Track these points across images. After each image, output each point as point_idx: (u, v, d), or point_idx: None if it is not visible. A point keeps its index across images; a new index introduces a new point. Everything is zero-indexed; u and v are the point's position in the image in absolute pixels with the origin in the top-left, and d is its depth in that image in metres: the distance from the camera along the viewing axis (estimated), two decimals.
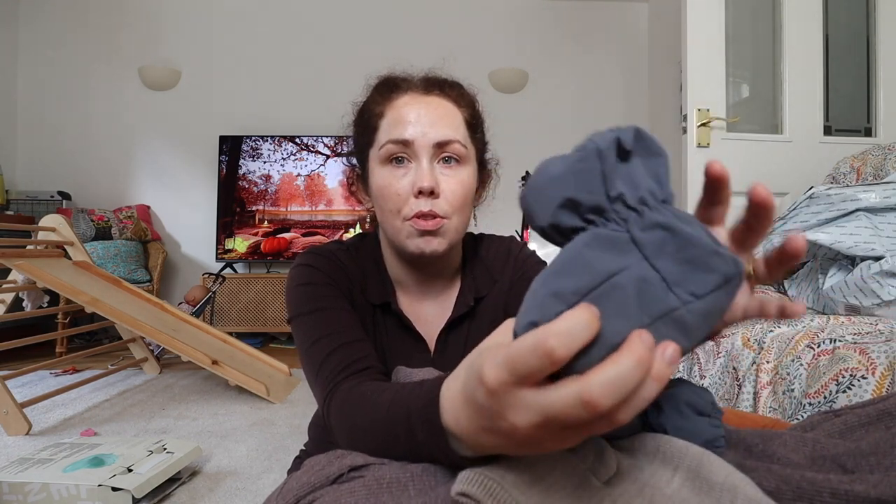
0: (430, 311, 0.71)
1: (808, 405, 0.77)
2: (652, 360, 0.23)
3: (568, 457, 0.33)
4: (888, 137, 2.11)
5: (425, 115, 0.62)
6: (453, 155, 0.62)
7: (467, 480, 0.30)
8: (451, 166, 0.63)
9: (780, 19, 2.13)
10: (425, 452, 0.39)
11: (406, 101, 0.63)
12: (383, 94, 0.65)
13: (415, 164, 0.62)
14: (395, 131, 0.61)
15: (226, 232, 3.28)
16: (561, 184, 0.28)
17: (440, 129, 0.61)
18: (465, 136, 0.64)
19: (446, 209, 0.61)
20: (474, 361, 0.30)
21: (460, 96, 0.66)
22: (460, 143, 0.62)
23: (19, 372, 1.67)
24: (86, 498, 1.02)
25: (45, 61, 3.44)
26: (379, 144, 0.63)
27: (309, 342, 0.59)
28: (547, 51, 3.56)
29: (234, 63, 3.49)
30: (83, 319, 2.78)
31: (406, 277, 0.70)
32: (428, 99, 0.63)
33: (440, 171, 0.62)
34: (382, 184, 0.62)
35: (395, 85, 0.65)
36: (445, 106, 0.64)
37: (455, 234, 0.64)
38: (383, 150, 0.62)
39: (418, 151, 0.61)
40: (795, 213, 1.20)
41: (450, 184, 0.62)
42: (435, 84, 0.66)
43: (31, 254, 1.95)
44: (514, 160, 4.05)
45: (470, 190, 0.65)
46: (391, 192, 0.61)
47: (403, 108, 0.62)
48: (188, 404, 1.83)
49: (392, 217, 0.62)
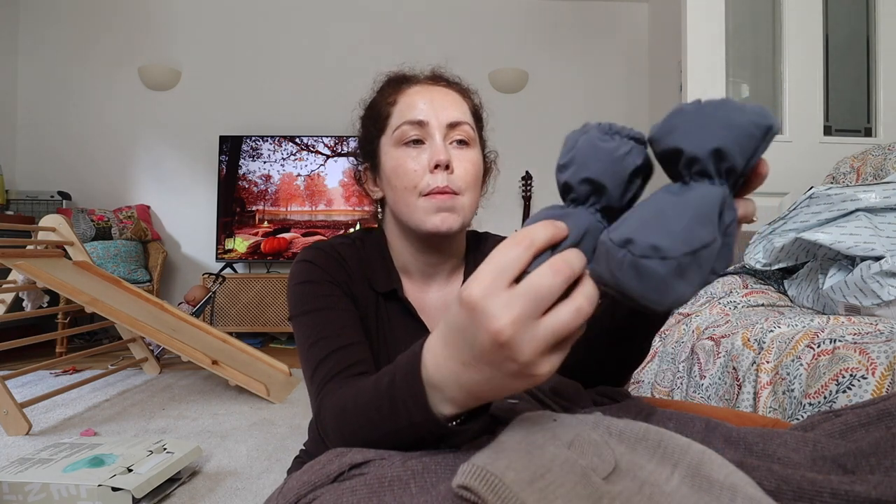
0: (433, 301, 0.73)
1: (808, 405, 0.77)
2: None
3: (567, 453, 0.33)
4: (888, 137, 2.11)
5: (437, 100, 0.66)
6: (464, 137, 0.66)
7: (468, 473, 0.30)
8: (462, 148, 0.66)
9: (780, 19, 2.13)
10: (403, 416, 0.40)
11: (417, 89, 0.67)
12: (394, 86, 0.69)
13: (429, 143, 0.64)
14: (409, 114, 0.65)
15: (226, 232, 3.28)
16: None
17: (451, 111, 0.65)
18: (472, 121, 0.68)
19: (460, 185, 0.64)
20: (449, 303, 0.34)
21: (465, 90, 0.71)
22: (470, 126, 0.67)
23: (19, 372, 1.67)
24: (86, 498, 1.02)
25: (45, 61, 3.44)
26: (392, 128, 0.66)
27: (307, 344, 0.60)
28: (547, 51, 3.56)
29: (234, 63, 3.49)
30: (83, 319, 2.78)
31: (413, 264, 0.71)
32: (437, 87, 0.68)
33: (453, 151, 0.65)
34: (397, 163, 0.65)
35: (404, 78, 0.70)
36: (453, 94, 0.68)
37: (468, 213, 0.66)
38: (398, 132, 0.65)
39: (432, 131, 0.64)
40: (795, 212, 1.20)
41: (462, 162, 0.65)
42: (441, 78, 0.70)
43: (31, 254, 1.95)
44: (514, 160, 4.04)
45: (479, 171, 0.68)
46: (407, 168, 0.64)
47: (415, 95, 0.66)
48: (188, 404, 1.83)
49: (407, 194, 0.64)
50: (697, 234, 0.30)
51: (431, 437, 0.41)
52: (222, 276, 2.96)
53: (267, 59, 3.50)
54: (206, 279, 3.07)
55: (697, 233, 0.30)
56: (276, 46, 3.50)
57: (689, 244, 0.29)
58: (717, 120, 0.31)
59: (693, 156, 0.31)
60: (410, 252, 0.71)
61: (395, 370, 0.42)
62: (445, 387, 0.37)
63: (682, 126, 0.32)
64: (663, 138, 0.33)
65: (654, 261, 0.29)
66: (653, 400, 0.57)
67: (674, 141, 0.32)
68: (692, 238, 0.29)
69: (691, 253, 0.29)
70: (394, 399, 0.41)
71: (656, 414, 0.47)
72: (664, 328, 1.33)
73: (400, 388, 0.40)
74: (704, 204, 0.30)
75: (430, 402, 0.38)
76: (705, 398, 1.03)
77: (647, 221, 0.31)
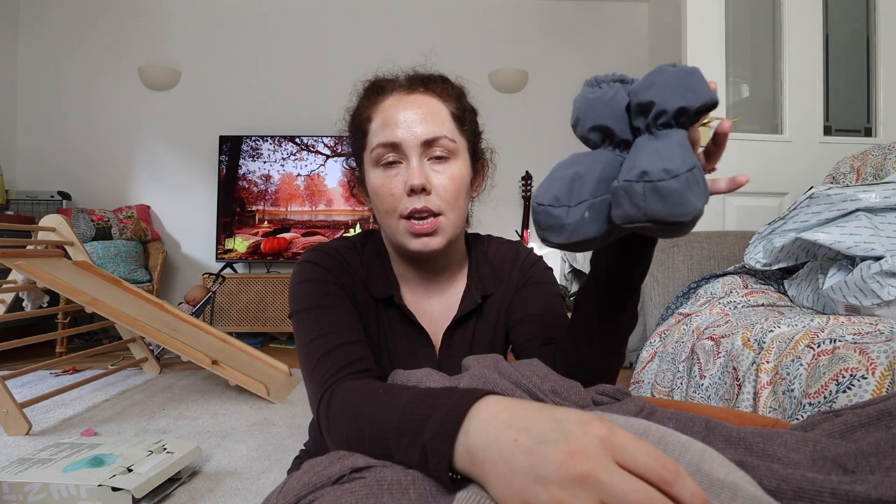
0: (435, 307, 0.72)
1: (808, 405, 0.77)
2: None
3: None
4: (888, 137, 2.11)
5: (412, 115, 0.63)
6: (442, 152, 0.63)
7: (467, 501, 0.30)
8: (441, 162, 0.64)
9: (780, 19, 2.13)
10: (416, 460, 0.39)
11: (391, 102, 0.65)
12: (370, 97, 0.67)
13: (405, 164, 0.63)
14: (383, 134, 0.63)
15: (226, 232, 3.28)
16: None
17: (426, 127, 0.62)
18: (452, 130, 0.65)
19: (440, 205, 0.63)
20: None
21: (445, 91, 0.67)
22: (448, 139, 0.64)
23: (19, 372, 1.66)
24: (86, 498, 1.02)
25: (45, 61, 3.44)
26: (370, 148, 0.65)
27: (307, 339, 0.60)
28: (547, 51, 3.56)
29: (234, 63, 3.49)
30: (83, 319, 2.78)
31: (410, 274, 0.71)
32: (412, 98, 0.65)
33: (430, 169, 0.63)
34: (377, 185, 0.64)
35: (380, 87, 0.67)
36: (430, 103, 0.65)
37: (452, 230, 0.65)
38: (374, 154, 0.64)
39: (407, 152, 0.62)
40: (795, 212, 1.20)
41: (441, 180, 0.63)
42: (419, 81, 0.67)
43: (31, 254, 1.95)
44: (514, 160, 4.04)
45: (462, 184, 0.66)
46: (385, 192, 0.63)
47: (389, 111, 0.64)
48: (188, 404, 1.83)
49: (388, 217, 0.64)
50: (688, 157, 0.39)
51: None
52: (222, 276, 2.96)
53: (267, 59, 3.50)
54: (206, 279, 3.07)
55: (687, 156, 0.39)
56: (275, 46, 3.50)
57: (686, 164, 0.39)
58: (685, 85, 0.40)
59: (663, 109, 0.41)
60: (404, 264, 0.71)
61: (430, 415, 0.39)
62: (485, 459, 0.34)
63: (659, 84, 0.41)
64: (642, 91, 0.42)
65: (669, 181, 0.38)
66: (653, 400, 0.57)
67: (650, 95, 0.41)
68: (686, 160, 0.39)
69: (689, 170, 0.38)
70: (413, 442, 0.39)
71: (657, 413, 0.47)
72: (664, 328, 1.33)
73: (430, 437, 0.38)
74: (681, 140, 0.41)
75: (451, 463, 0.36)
76: (705, 398, 1.03)
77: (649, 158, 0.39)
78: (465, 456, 0.35)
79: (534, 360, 0.55)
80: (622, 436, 0.31)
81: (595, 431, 0.31)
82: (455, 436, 0.36)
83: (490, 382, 0.47)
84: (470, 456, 0.35)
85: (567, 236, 0.44)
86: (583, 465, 0.29)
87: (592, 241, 0.44)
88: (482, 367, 0.51)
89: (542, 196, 0.44)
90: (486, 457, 0.34)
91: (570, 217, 0.43)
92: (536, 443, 0.32)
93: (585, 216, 0.43)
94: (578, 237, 0.44)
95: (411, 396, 0.44)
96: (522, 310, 0.72)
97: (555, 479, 0.29)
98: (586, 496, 0.28)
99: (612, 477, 0.28)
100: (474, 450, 0.35)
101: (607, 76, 0.45)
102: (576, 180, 0.44)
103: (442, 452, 0.36)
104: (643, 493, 0.28)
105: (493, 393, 0.39)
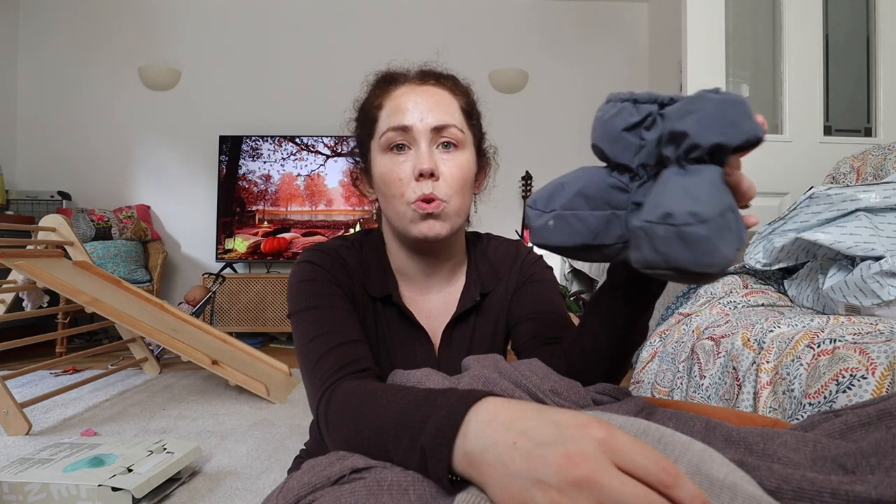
0: (434, 305, 0.72)
1: (808, 405, 0.77)
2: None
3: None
4: (888, 137, 2.11)
5: (422, 103, 0.64)
6: (451, 139, 0.64)
7: (466, 503, 0.30)
8: (450, 151, 0.64)
9: (780, 19, 2.13)
10: (416, 463, 0.39)
11: (403, 91, 0.65)
12: (381, 87, 0.68)
13: (414, 150, 0.63)
14: (394, 119, 0.63)
15: (226, 232, 3.28)
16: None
17: (437, 114, 0.63)
18: (461, 121, 0.66)
19: (446, 191, 0.63)
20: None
21: (455, 86, 0.69)
22: (457, 128, 0.64)
23: (19, 372, 1.66)
24: (86, 498, 1.02)
25: (45, 61, 3.44)
26: (379, 133, 0.65)
27: (306, 339, 0.60)
28: (547, 51, 3.56)
29: (234, 63, 3.49)
30: (83, 319, 2.78)
31: (410, 268, 0.71)
32: (424, 88, 0.66)
33: (439, 156, 0.64)
34: (385, 170, 0.64)
35: (392, 78, 0.68)
36: (441, 94, 0.66)
37: (456, 218, 0.65)
38: (384, 139, 0.64)
39: (417, 137, 0.63)
40: (795, 212, 1.20)
41: (449, 167, 0.63)
42: (430, 75, 0.68)
43: (31, 254, 1.95)
44: (514, 160, 4.04)
45: (469, 173, 0.66)
46: (393, 177, 0.63)
47: (401, 98, 0.64)
48: (188, 404, 1.83)
49: (395, 202, 0.64)
50: (720, 198, 0.35)
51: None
52: (222, 276, 2.96)
53: (267, 59, 3.50)
54: (206, 279, 3.07)
55: (720, 198, 0.35)
56: (275, 46, 3.50)
57: (717, 207, 0.34)
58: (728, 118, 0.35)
59: (696, 143, 0.36)
60: (405, 255, 0.70)
61: (428, 417, 0.39)
62: (483, 462, 0.34)
63: (697, 114, 0.36)
64: (676, 119, 0.37)
65: (696, 226, 0.33)
66: (653, 400, 0.57)
67: (684, 126, 0.36)
68: (718, 202, 0.34)
69: (721, 214, 0.34)
70: (412, 445, 0.39)
71: (657, 413, 0.47)
72: (664, 328, 1.33)
73: (428, 439, 0.38)
74: (714, 178, 0.36)
75: (450, 465, 0.36)
76: (705, 398, 1.03)
77: (675, 197, 0.35)
78: (464, 459, 0.35)
79: (534, 359, 0.55)
80: (621, 438, 0.31)
81: (594, 434, 0.31)
82: (453, 439, 0.36)
83: (490, 382, 0.47)
84: (468, 459, 0.35)
85: (535, 238, 0.46)
86: (581, 468, 0.29)
87: (560, 249, 0.45)
88: (482, 366, 0.51)
89: (533, 196, 0.47)
90: (485, 460, 0.34)
91: (538, 221, 0.45)
92: (535, 446, 0.32)
93: (550, 224, 0.44)
94: (543, 241, 0.46)
95: (410, 398, 0.44)
96: (523, 308, 0.72)
97: (553, 483, 0.29)
98: (585, 500, 0.28)
99: (610, 480, 0.28)
100: (473, 453, 0.35)
101: (622, 94, 0.43)
102: (557, 189, 0.45)
103: (440, 455, 0.36)
104: (642, 496, 0.28)
105: (492, 394, 0.39)
